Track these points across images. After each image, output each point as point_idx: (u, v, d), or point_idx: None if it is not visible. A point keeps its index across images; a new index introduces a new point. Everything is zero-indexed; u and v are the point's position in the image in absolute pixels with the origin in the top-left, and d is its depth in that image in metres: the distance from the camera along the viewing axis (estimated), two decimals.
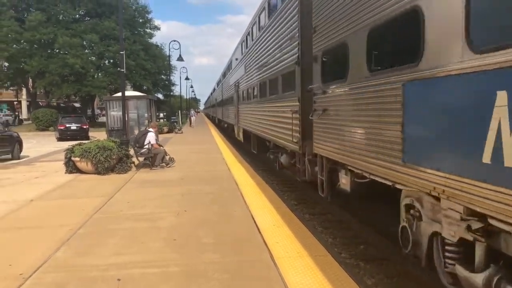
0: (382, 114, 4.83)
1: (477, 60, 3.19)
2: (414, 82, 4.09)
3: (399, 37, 4.78)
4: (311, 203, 9.81)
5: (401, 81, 4.34)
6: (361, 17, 5.41)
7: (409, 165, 4.19)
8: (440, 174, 3.65)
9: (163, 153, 13.03)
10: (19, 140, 17.53)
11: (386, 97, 4.69)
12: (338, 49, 6.27)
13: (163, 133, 29.91)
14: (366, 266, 6.21)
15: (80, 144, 12.30)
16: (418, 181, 4.05)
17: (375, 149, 5.01)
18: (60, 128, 28.70)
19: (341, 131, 6.20)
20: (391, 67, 4.68)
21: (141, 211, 7.41)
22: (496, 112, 2.95)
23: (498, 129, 2.93)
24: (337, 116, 6.48)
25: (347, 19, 5.90)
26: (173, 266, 4.72)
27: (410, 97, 4.20)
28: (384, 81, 4.76)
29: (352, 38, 5.76)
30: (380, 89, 4.88)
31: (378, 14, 4.90)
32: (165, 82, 54.46)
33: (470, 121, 3.27)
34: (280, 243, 5.45)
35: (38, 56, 42.56)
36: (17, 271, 4.65)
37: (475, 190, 3.21)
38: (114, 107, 20.36)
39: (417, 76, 4.04)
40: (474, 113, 3.24)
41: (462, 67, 3.37)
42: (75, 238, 5.90)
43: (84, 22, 46.39)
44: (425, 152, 3.95)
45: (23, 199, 8.57)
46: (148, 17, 52.33)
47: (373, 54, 5.25)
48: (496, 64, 2.99)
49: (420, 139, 4.09)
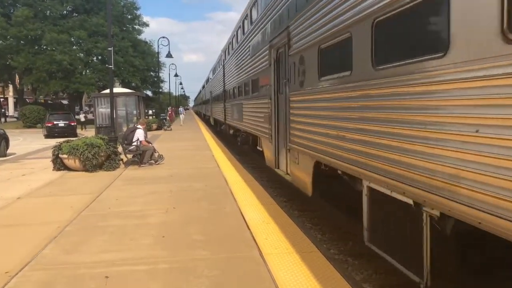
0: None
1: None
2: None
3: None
4: (300, 200, 9.82)
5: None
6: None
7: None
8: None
9: (152, 150, 12.97)
10: (6, 137, 17.33)
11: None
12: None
13: (152, 130, 29.77)
14: (354, 262, 6.24)
15: (68, 141, 12.19)
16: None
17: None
18: (47, 125, 28.45)
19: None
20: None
21: (130, 208, 7.37)
22: None
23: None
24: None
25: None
26: (162, 263, 4.70)
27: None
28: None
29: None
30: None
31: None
32: (154, 79, 54.26)
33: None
34: (269, 239, 5.45)
35: (25, 52, 42.13)
36: (3, 269, 4.59)
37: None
38: (102, 104, 20.24)
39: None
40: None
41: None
42: (62, 235, 5.85)
43: (72, 18, 46.01)
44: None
45: (10, 197, 8.48)
46: (137, 14, 52.12)
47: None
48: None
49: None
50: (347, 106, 5.23)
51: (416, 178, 3.68)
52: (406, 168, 3.82)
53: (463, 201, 3.07)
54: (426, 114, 3.51)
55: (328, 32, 5.86)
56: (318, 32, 6.25)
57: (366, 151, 4.62)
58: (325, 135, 6.00)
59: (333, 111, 5.71)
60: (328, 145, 5.91)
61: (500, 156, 2.72)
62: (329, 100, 5.88)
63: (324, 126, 6.04)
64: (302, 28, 7.11)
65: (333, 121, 5.69)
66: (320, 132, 6.24)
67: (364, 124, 4.68)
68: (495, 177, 2.76)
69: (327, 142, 5.92)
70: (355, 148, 4.94)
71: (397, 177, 3.98)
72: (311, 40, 6.62)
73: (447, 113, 3.25)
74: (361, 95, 4.79)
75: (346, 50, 5.17)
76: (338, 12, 5.41)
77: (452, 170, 3.19)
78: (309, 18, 6.65)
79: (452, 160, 3.18)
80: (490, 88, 2.81)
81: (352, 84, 5.02)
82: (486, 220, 2.86)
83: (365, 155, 4.66)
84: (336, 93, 5.60)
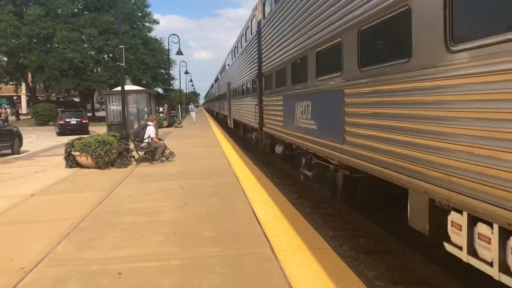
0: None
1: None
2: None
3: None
4: (312, 197, 9.81)
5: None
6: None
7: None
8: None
9: (163, 147, 13.02)
10: (19, 135, 17.50)
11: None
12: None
13: (163, 127, 29.89)
14: (367, 259, 6.21)
15: (80, 138, 12.28)
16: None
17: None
18: (60, 122, 28.67)
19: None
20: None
21: (142, 205, 7.41)
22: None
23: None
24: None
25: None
26: (173, 260, 4.73)
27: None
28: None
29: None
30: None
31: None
32: (165, 76, 54.30)
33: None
34: (280, 236, 5.45)
35: (37, 51, 42.46)
36: (18, 265, 4.65)
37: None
38: (113, 101, 20.36)
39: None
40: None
41: None
42: (75, 232, 5.91)
43: (83, 16, 46.20)
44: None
45: (24, 194, 8.57)
46: (147, 11, 52.10)
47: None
48: None
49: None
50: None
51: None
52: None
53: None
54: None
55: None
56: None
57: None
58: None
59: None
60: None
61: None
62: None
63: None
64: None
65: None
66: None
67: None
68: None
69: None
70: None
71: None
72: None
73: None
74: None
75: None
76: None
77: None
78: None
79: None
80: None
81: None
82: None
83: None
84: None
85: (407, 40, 4.22)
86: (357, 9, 5.43)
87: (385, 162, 4.64)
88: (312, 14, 7.50)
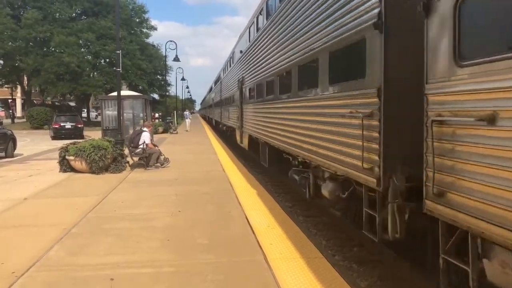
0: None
1: None
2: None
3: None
4: (305, 205, 9.81)
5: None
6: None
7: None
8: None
9: (158, 153, 13.01)
10: (13, 138, 17.44)
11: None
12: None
13: (158, 133, 29.86)
14: (359, 268, 6.22)
15: (74, 143, 12.25)
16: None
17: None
18: (54, 126, 28.60)
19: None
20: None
21: (135, 211, 7.39)
22: None
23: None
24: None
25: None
26: (167, 267, 4.72)
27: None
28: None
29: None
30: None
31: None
32: (161, 82, 54.42)
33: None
34: (274, 244, 5.45)
35: (34, 54, 42.47)
36: (10, 269, 4.62)
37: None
38: (109, 107, 20.34)
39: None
40: None
41: None
42: (68, 237, 5.88)
43: (80, 21, 46.34)
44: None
45: (17, 198, 8.53)
46: (145, 17, 52.34)
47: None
48: None
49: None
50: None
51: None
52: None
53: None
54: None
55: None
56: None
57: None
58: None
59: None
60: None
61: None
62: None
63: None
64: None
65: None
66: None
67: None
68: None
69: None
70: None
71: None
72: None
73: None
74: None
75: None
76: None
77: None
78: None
79: None
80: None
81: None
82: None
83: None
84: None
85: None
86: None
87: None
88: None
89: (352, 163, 4.93)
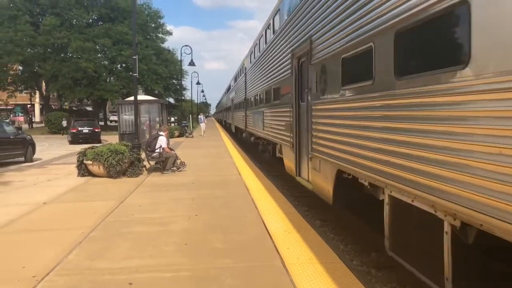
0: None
1: None
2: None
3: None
4: (322, 210, 9.74)
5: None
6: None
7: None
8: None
9: (174, 157, 13.08)
10: (32, 143, 17.73)
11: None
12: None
13: (174, 137, 30.05)
14: (378, 273, 6.15)
15: (92, 147, 12.39)
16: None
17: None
18: (72, 131, 28.99)
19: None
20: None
21: (153, 215, 7.43)
22: None
23: None
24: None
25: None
26: (184, 271, 4.72)
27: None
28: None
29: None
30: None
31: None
32: (177, 87, 54.75)
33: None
34: (291, 249, 5.42)
35: (52, 60, 43.19)
36: (30, 273, 4.68)
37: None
38: (126, 111, 20.55)
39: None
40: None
41: None
42: (87, 241, 5.94)
43: (97, 26, 46.95)
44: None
45: (36, 202, 8.65)
46: (161, 22, 52.76)
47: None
48: None
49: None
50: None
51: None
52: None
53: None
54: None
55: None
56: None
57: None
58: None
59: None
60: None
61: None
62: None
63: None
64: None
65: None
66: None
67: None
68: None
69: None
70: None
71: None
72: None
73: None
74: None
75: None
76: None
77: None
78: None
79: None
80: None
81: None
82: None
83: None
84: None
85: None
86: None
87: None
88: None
89: None
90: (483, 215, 3.09)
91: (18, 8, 43.11)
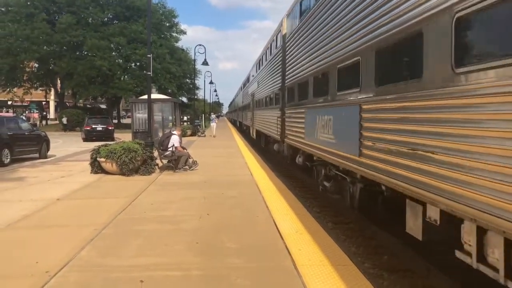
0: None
1: None
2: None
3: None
4: (334, 211, 9.71)
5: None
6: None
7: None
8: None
9: (186, 156, 13.13)
10: (47, 140, 17.93)
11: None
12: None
13: (186, 136, 30.16)
14: (390, 276, 6.10)
15: (105, 145, 12.48)
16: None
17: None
18: (86, 128, 29.24)
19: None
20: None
21: (164, 213, 7.46)
22: None
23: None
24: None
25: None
26: (195, 270, 4.72)
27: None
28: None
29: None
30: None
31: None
32: (190, 86, 54.93)
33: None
34: (302, 250, 5.40)
35: (67, 58, 43.62)
36: (43, 268, 4.73)
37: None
38: (139, 109, 20.66)
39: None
40: None
41: None
42: (99, 238, 5.98)
43: (112, 25, 47.28)
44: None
45: (50, 198, 8.74)
46: (175, 21, 52.92)
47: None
48: None
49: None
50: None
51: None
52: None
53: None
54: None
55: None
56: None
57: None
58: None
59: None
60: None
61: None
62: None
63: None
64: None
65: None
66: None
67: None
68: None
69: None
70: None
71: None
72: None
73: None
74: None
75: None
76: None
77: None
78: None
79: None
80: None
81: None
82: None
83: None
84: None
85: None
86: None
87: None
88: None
89: None
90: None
91: (35, 6, 43.65)
